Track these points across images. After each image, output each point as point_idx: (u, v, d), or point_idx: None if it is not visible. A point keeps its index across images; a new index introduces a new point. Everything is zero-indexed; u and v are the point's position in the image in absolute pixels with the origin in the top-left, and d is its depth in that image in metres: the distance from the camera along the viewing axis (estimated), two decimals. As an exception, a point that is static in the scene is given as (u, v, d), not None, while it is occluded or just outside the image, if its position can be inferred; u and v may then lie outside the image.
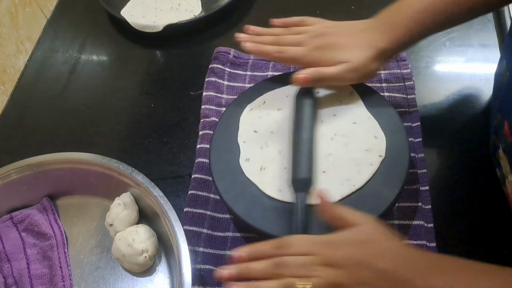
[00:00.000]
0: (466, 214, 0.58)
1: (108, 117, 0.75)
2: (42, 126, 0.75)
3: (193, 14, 0.84)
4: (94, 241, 0.61)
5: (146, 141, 0.71)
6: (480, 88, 0.68)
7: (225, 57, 0.76)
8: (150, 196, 0.57)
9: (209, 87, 0.72)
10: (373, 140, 0.57)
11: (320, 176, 0.56)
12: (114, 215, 0.58)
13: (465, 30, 0.76)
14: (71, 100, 0.78)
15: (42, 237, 0.60)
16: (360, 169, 0.55)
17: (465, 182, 0.61)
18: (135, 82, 0.79)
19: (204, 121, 0.69)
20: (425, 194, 0.59)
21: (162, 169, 0.67)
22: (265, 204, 0.55)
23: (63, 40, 0.87)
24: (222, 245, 0.59)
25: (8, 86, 0.79)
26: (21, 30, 0.83)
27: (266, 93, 0.64)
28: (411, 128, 0.65)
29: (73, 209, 0.63)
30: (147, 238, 0.56)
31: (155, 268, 0.58)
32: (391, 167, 0.55)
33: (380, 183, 0.55)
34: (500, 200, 0.58)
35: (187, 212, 0.61)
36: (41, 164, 0.61)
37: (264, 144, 0.60)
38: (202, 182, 0.63)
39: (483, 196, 0.59)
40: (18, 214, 0.62)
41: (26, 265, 0.58)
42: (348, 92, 0.63)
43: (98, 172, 0.61)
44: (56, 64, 0.83)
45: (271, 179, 0.56)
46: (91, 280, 0.58)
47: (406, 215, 0.58)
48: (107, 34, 0.87)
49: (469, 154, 0.63)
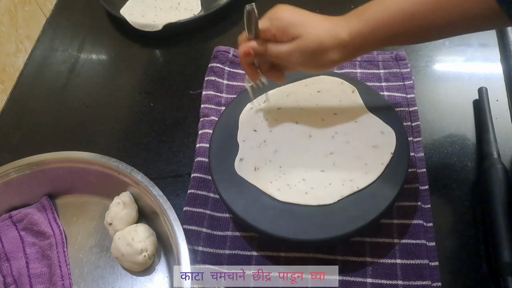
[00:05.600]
0: (466, 214, 0.58)
1: (108, 116, 0.75)
2: (41, 125, 0.75)
3: (192, 13, 0.84)
4: (93, 240, 0.61)
5: (146, 140, 0.70)
6: (480, 88, 0.68)
7: (224, 56, 0.76)
8: (149, 195, 0.57)
9: (208, 86, 0.72)
10: (379, 135, 0.57)
11: (318, 175, 0.56)
12: (114, 214, 0.58)
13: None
14: (70, 99, 0.78)
15: (42, 236, 0.60)
16: (368, 170, 0.55)
17: (464, 181, 0.61)
18: (134, 81, 0.79)
19: (203, 120, 0.69)
20: (425, 193, 0.59)
21: (161, 168, 0.67)
22: (265, 203, 0.55)
23: (62, 39, 0.87)
24: (222, 244, 0.59)
25: (8, 85, 0.79)
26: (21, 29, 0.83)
27: (266, 92, 0.64)
28: (410, 128, 0.65)
29: (72, 208, 0.63)
30: (146, 237, 0.56)
31: (154, 267, 0.58)
32: (392, 166, 0.55)
33: (380, 182, 0.55)
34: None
35: (187, 211, 0.61)
36: (40, 163, 0.61)
37: (263, 143, 0.60)
38: (202, 181, 0.63)
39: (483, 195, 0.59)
40: (17, 213, 0.61)
41: (25, 264, 0.58)
42: (349, 91, 0.63)
43: (98, 171, 0.61)
44: (56, 63, 0.83)
45: (269, 178, 0.57)
46: (90, 279, 0.58)
47: (405, 214, 0.58)
48: (107, 33, 0.87)
49: (469, 153, 0.63)
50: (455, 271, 0.54)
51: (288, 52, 0.51)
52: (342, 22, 0.50)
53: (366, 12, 0.50)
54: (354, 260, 0.56)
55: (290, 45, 0.50)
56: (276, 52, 0.52)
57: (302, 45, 0.50)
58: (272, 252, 0.57)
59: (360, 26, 0.49)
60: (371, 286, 0.54)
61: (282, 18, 0.50)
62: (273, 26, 0.51)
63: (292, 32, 0.50)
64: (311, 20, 0.50)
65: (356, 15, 0.50)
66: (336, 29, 0.50)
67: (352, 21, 0.50)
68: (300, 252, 0.57)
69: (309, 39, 0.49)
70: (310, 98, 0.63)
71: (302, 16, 0.51)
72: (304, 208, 0.54)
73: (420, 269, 0.54)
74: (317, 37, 0.49)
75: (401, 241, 0.56)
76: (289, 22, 0.50)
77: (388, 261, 0.55)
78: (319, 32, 0.50)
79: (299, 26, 0.50)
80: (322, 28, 0.50)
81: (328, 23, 0.51)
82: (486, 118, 0.64)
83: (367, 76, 0.71)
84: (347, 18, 0.51)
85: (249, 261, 0.57)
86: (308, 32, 0.49)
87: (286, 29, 0.50)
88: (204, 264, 0.57)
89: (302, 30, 0.49)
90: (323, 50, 0.50)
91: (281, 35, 0.51)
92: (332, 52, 0.50)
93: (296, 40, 0.50)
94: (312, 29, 0.50)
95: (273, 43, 0.52)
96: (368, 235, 0.57)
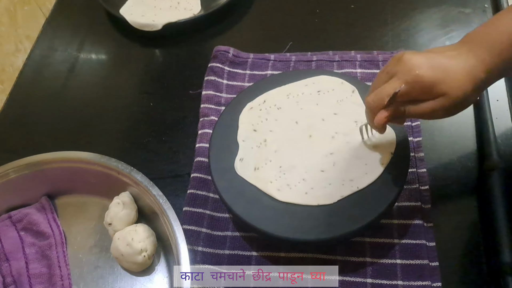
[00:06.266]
0: (466, 214, 0.58)
1: (107, 116, 0.74)
2: (40, 124, 0.75)
3: (192, 12, 0.84)
4: (93, 240, 0.61)
5: (145, 140, 0.70)
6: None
7: (224, 56, 0.75)
8: (149, 195, 0.57)
9: (208, 86, 0.72)
10: (380, 135, 0.57)
11: (318, 175, 0.56)
12: (113, 214, 0.58)
13: (464, 29, 0.75)
14: (70, 99, 0.77)
15: (41, 236, 0.60)
16: (368, 170, 0.55)
17: (465, 181, 0.61)
18: (134, 81, 0.79)
19: (203, 120, 0.69)
20: (425, 193, 0.59)
21: (161, 168, 0.67)
22: (265, 203, 0.55)
23: (62, 38, 0.86)
24: (221, 244, 0.58)
25: (7, 85, 0.79)
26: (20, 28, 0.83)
27: (266, 92, 0.64)
28: (410, 128, 0.65)
29: (72, 208, 0.63)
30: (146, 238, 0.56)
31: (154, 267, 0.58)
32: (392, 166, 0.55)
33: (380, 183, 0.55)
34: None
35: (186, 211, 0.60)
36: (39, 163, 0.61)
37: (263, 142, 0.60)
38: (201, 181, 0.63)
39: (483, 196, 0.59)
40: (17, 213, 0.61)
41: (25, 264, 0.58)
42: (349, 91, 0.63)
43: (97, 171, 0.61)
44: (55, 62, 0.83)
45: (268, 178, 0.56)
46: (90, 279, 0.58)
47: (405, 214, 0.58)
48: (106, 32, 0.87)
49: (469, 153, 0.63)
50: (455, 271, 0.54)
51: (432, 111, 0.47)
52: (473, 59, 0.46)
53: (495, 42, 0.46)
54: (354, 260, 0.55)
55: (434, 104, 0.47)
56: (418, 112, 0.48)
57: (447, 103, 0.46)
58: (272, 252, 0.57)
59: (494, 61, 0.46)
60: (371, 286, 0.54)
61: (422, 79, 0.46)
62: (413, 90, 0.46)
63: (436, 92, 0.46)
64: (449, 70, 0.46)
65: (485, 47, 0.46)
66: (473, 72, 0.46)
67: (483, 56, 0.46)
68: (300, 252, 0.57)
69: (455, 94, 0.46)
70: (310, 98, 0.63)
71: (439, 68, 0.46)
72: (304, 208, 0.54)
73: (420, 269, 0.54)
74: (461, 90, 0.46)
75: (401, 241, 0.56)
76: (431, 82, 0.46)
77: (388, 261, 0.55)
78: (462, 84, 0.46)
79: (442, 84, 0.45)
80: (462, 75, 0.46)
81: (463, 65, 0.46)
82: (486, 118, 0.64)
83: (367, 76, 0.71)
84: (476, 51, 0.47)
85: (249, 261, 0.57)
86: (451, 87, 0.45)
87: (429, 90, 0.46)
88: (204, 264, 0.57)
89: (446, 88, 0.45)
90: (467, 99, 0.47)
91: (422, 96, 0.47)
92: (473, 96, 0.47)
93: (440, 98, 0.46)
94: (455, 82, 0.45)
95: (411, 104, 0.48)
96: (368, 235, 0.57)
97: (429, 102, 0.47)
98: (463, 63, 0.46)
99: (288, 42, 0.78)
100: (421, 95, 0.47)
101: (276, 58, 0.75)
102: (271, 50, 0.77)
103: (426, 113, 0.48)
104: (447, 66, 0.46)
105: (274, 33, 0.82)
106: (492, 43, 0.46)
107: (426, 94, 0.47)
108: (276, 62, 0.75)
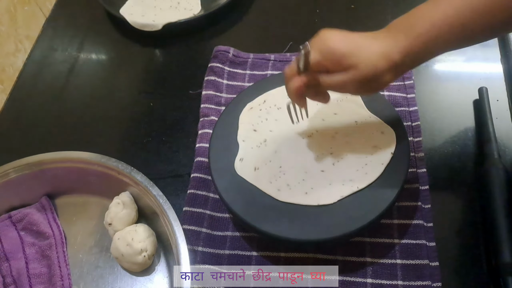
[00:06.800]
0: (466, 214, 0.58)
1: (107, 116, 0.74)
2: (40, 124, 0.75)
3: (192, 12, 0.84)
4: (93, 241, 0.61)
5: (145, 140, 0.70)
6: (480, 87, 0.67)
7: (224, 56, 0.75)
8: (149, 195, 0.57)
9: (208, 86, 0.72)
10: (380, 135, 0.57)
11: (318, 175, 0.56)
12: (113, 214, 0.58)
13: (465, 29, 0.75)
14: (70, 99, 0.77)
15: (41, 236, 0.60)
16: (368, 170, 0.55)
17: (465, 181, 0.61)
18: (134, 81, 0.79)
19: (203, 120, 0.69)
20: (425, 193, 0.59)
21: (161, 168, 0.67)
22: (264, 203, 0.55)
23: (62, 38, 0.86)
24: (221, 244, 0.58)
25: (7, 85, 0.79)
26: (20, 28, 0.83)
27: (266, 92, 0.64)
28: (410, 127, 0.64)
29: (72, 208, 0.63)
30: (146, 238, 0.56)
31: (154, 267, 0.58)
32: (392, 166, 0.55)
33: (380, 183, 0.55)
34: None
35: (186, 211, 0.60)
36: (40, 163, 0.61)
37: (263, 143, 0.60)
38: (201, 181, 0.63)
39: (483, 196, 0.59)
40: (17, 213, 0.61)
41: (25, 264, 0.58)
42: (348, 91, 0.63)
43: (97, 171, 0.61)
44: (55, 62, 0.83)
45: (269, 178, 0.56)
46: (90, 279, 0.58)
47: (405, 214, 0.58)
48: (106, 32, 0.87)
49: (469, 153, 0.63)
50: (455, 271, 0.54)
51: (343, 82, 0.49)
52: (390, 40, 0.48)
53: (412, 27, 0.48)
54: (354, 260, 0.56)
55: (344, 76, 0.49)
56: (331, 83, 0.50)
57: (357, 75, 0.48)
58: (272, 252, 0.57)
59: (410, 44, 0.48)
60: (371, 286, 0.54)
61: (333, 50, 0.49)
62: (325, 59, 0.49)
63: (346, 63, 0.48)
64: (362, 46, 0.49)
65: (402, 31, 0.49)
66: (387, 50, 0.48)
67: (400, 39, 0.48)
68: (300, 252, 0.57)
69: (364, 67, 0.48)
70: (310, 98, 0.63)
71: (353, 43, 0.49)
72: (304, 208, 0.54)
73: (420, 269, 0.54)
74: (371, 64, 0.48)
75: (401, 241, 0.56)
76: (341, 53, 0.48)
77: (388, 261, 0.55)
78: (372, 58, 0.48)
79: (352, 56, 0.48)
80: (374, 52, 0.48)
81: (378, 44, 0.49)
82: (486, 118, 0.64)
83: (367, 76, 0.71)
84: (394, 35, 0.49)
85: (249, 261, 0.57)
86: (362, 61, 0.48)
87: (339, 60, 0.48)
88: (204, 264, 0.57)
89: (356, 60, 0.48)
90: (378, 75, 0.49)
91: (334, 67, 0.49)
92: (386, 75, 0.49)
93: (350, 70, 0.48)
94: (366, 56, 0.48)
95: (325, 74, 0.50)
96: (368, 235, 0.57)
97: (341, 73, 0.49)
98: (379, 43, 0.49)
99: (288, 42, 0.78)
100: (333, 66, 0.49)
101: (276, 58, 0.75)
102: (271, 50, 0.77)
103: (338, 85, 0.50)
104: (361, 43, 0.49)
105: (274, 33, 0.82)
106: (410, 27, 0.48)
107: (337, 65, 0.49)
108: (276, 62, 0.75)
